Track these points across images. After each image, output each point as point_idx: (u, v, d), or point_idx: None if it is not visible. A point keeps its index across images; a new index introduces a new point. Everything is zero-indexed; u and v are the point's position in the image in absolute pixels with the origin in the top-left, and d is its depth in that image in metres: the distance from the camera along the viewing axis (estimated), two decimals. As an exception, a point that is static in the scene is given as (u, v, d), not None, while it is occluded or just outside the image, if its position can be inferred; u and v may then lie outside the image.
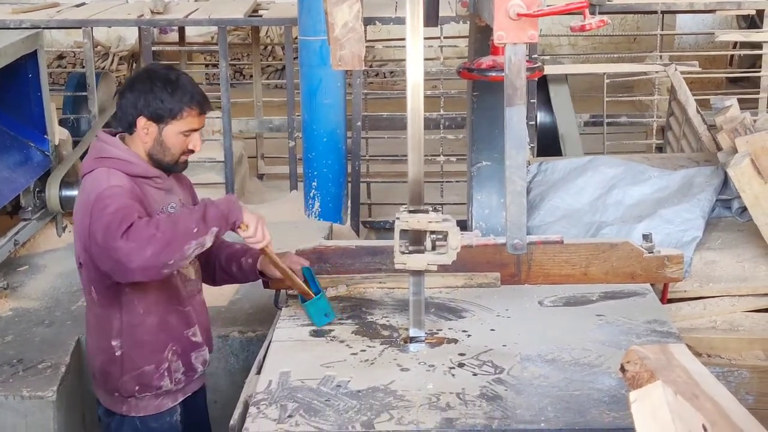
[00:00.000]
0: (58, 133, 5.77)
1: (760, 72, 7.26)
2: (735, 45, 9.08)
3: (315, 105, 6.03)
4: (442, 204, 6.14)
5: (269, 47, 12.87)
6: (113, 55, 12.75)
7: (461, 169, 5.69)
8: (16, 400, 3.87)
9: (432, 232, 3.09)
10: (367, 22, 6.05)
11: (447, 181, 6.62)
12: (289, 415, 2.78)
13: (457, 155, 6.59)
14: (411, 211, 3.09)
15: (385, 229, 6.54)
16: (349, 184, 6.40)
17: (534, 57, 5.82)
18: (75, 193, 4.32)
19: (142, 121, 3.16)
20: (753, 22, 8.27)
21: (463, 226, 3.56)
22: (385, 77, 12.52)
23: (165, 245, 2.91)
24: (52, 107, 5.64)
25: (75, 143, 6.10)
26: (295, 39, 6.28)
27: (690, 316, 3.96)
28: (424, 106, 3.04)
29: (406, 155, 3.08)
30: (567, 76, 7.17)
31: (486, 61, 3.40)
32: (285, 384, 2.96)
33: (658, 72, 6.79)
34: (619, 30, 12.72)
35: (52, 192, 5.44)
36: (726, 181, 4.43)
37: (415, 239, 3.11)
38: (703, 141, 5.33)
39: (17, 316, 4.63)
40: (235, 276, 3.53)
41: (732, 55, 10.11)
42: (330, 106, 6.04)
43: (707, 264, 4.12)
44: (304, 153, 6.21)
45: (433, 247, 3.10)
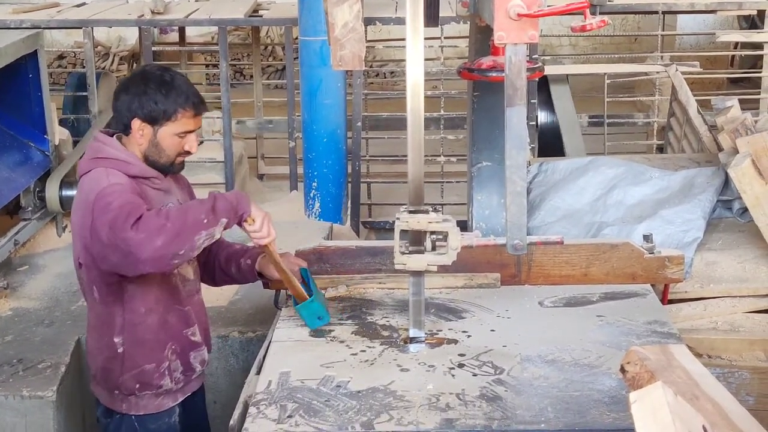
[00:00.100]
0: (58, 133, 5.77)
1: (761, 72, 7.27)
2: (736, 45, 9.08)
3: (315, 105, 6.02)
4: (442, 204, 6.14)
5: (269, 47, 12.87)
6: (114, 56, 12.75)
7: (461, 169, 5.69)
8: (16, 399, 3.87)
9: (432, 233, 3.08)
10: (368, 22, 6.05)
11: (447, 182, 6.62)
12: (289, 416, 2.78)
13: (457, 155, 6.59)
14: (411, 211, 3.09)
15: (385, 229, 6.54)
16: (349, 185, 6.40)
17: (534, 57, 5.82)
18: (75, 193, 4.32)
19: (136, 122, 3.15)
20: (754, 22, 8.28)
21: (464, 226, 3.55)
22: (385, 77, 12.51)
23: (175, 235, 2.91)
24: (53, 107, 5.64)
25: (75, 143, 6.10)
26: (296, 39, 6.28)
27: (690, 317, 3.95)
28: (424, 106, 3.03)
29: (406, 155, 3.07)
30: (568, 76, 7.17)
31: (486, 61, 3.40)
32: (285, 384, 2.96)
33: (659, 72, 6.79)
34: (619, 30, 12.72)
35: (52, 192, 5.44)
36: (727, 182, 4.43)
37: (415, 239, 3.10)
38: (704, 141, 5.33)
39: (17, 316, 4.63)
40: (233, 277, 3.53)
41: (733, 56, 10.11)
42: (330, 107, 6.04)
43: (708, 265, 4.11)
44: (305, 153, 6.21)
45: (433, 248, 3.10)
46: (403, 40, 3.02)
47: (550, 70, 6.74)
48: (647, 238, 3.73)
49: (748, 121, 4.31)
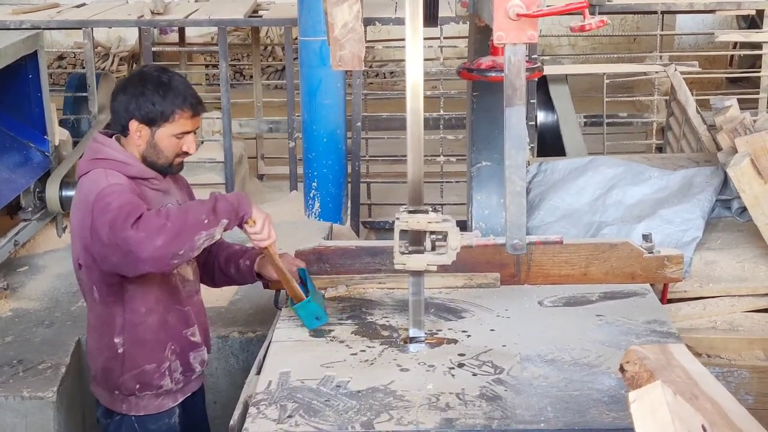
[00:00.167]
0: (58, 134, 5.77)
1: (759, 72, 7.27)
2: (735, 45, 9.08)
3: (315, 105, 6.03)
4: (442, 204, 6.13)
5: (269, 48, 12.87)
6: (113, 56, 12.75)
7: (461, 169, 5.69)
8: (16, 400, 3.87)
9: (432, 233, 3.09)
10: (367, 22, 6.05)
11: (447, 182, 6.62)
12: (289, 416, 2.78)
13: (457, 155, 6.59)
14: (411, 211, 3.09)
15: (384, 229, 6.54)
16: (349, 185, 6.40)
17: (534, 57, 5.82)
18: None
19: (134, 124, 3.15)
20: (753, 22, 8.28)
21: (463, 226, 3.56)
22: (385, 77, 12.52)
23: (175, 235, 2.91)
24: (52, 108, 5.64)
25: (75, 144, 6.10)
26: (295, 39, 6.28)
27: (690, 317, 3.96)
28: (424, 106, 3.04)
29: (406, 155, 3.08)
30: (567, 76, 7.17)
31: (486, 61, 3.40)
32: (285, 384, 2.96)
33: (657, 72, 6.79)
34: (619, 30, 12.73)
35: (52, 192, 5.44)
36: (726, 182, 4.43)
37: (415, 239, 3.11)
38: (703, 141, 5.33)
39: (17, 317, 4.63)
40: (232, 277, 3.53)
41: (732, 56, 10.11)
42: (330, 107, 6.04)
43: (707, 264, 4.12)
44: (304, 153, 6.21)
45: (433, 248, 3.10)
46: (402, 40, 3.02)
47: (549, 70, 6.74)
48: (646, 238, 3.73)
49: (747, 121, 4.31)
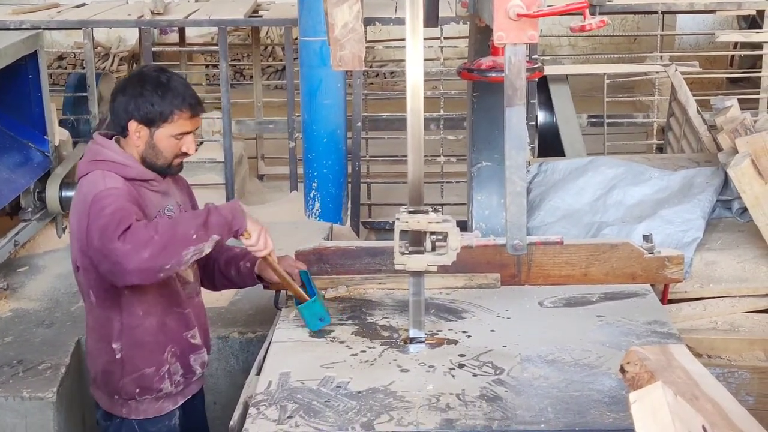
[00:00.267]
0: (58, 134, 5.77)
1: (760, 72, 7.26)
2: (735, 45, 9.07)
3: (315, 105, 6.02)
4: (442, 204, 6.15)
5: (269, 48, 12.87)
6: (113, 56, 12.75)
7: (461, 169, 5.69)
8: (16, 401, 3.87)
9: (432, 233, 3.09)
10: (367, 22, 6.05)
11: (447, 182, 6.62)
12: (289, 416, 2.78)
13: (457, 156, 6.59)
14: (411, 211, 3.09)
15: (385, 229, 6.53)
16: (349, 185, 6.40)
17: (534, 57, 5.82)
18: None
19: (133, 124, 3.15)
20: (753, 22, 8.28)
21: (463, 226, 3.55)
22: (385, 78, 12.51)
23: (162, 249, 2.90)
24: (53, 108, 5.63)
25: (75, 144, 6.10)
26: (296, 39, 6.28)
27: (690, 317, 3.95)
28: (424, 106, 3.04)
29: (406, 156, 3.07)
30: (567, 76, 7.17)
31: (486, 61, 3.40)
32: (285, 385, 2.96)
33: (658, 72, 6.79)
34: (619, 30, 12.72)
35: (52, 193, 5.44)
36: (726, 182, 4.43)
37: (415, 240, 3.10)
38: (704, 141, 5.33)
39: (17, 317, 4.63)
40: (233, 280, 3.52)
41: (732, 56, 10.11)
42: (330, 107, 6.04)
43: (708, 265, 4.11)
44: (304, 153, 6.21)
45: (433, 248, 3.10)
46: (402, 40, 3.02)
47: (549, 70, 6.74)
48: (647, 238, 3.73)
49: (748, 121, 4.31)
